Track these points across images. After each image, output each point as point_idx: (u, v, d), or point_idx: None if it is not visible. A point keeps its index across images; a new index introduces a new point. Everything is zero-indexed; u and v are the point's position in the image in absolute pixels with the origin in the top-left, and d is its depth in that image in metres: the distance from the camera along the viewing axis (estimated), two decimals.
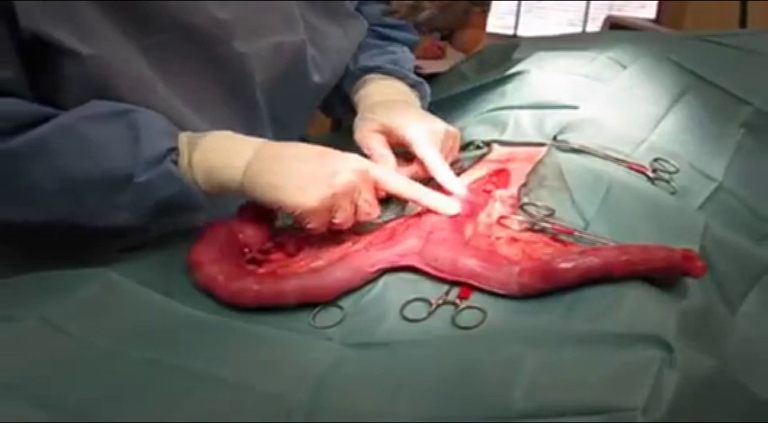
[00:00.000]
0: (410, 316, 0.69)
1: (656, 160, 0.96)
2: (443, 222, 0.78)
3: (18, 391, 0.61)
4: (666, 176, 0.94)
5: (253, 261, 0.78)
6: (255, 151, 0.78)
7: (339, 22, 1.01)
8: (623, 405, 0.57)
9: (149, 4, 0.80)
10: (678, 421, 0.58)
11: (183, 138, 0.80)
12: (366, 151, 0.90)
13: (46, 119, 0.78)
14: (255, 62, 0.91)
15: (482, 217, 0.81)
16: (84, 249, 0.87)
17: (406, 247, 0.75)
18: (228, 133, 0.82)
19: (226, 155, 0.79)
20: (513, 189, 0.86)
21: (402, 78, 1.04)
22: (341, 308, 0.71)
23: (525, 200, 0.83)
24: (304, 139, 1.10)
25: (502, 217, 0.81)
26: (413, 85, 1.06)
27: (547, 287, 0.69)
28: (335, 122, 2.30)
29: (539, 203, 0.83)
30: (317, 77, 0.99)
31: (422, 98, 1.06)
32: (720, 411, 0.66)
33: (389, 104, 0.97)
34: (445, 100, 1.23)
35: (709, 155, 1.04)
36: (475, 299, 0.70)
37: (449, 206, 0.81)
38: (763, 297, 0.86)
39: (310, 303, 0.71)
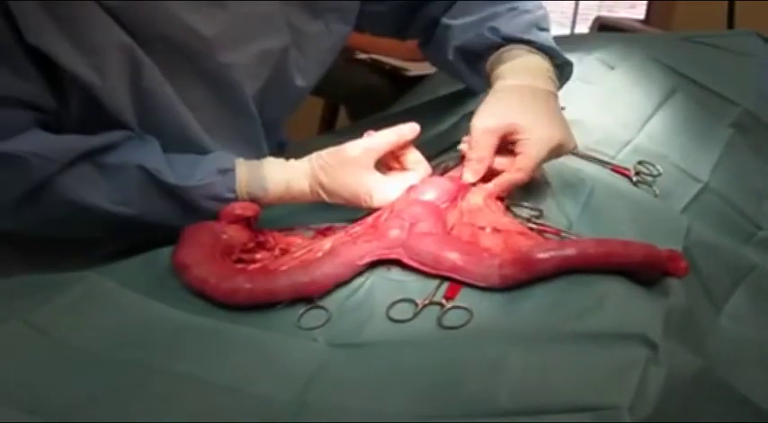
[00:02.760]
0: (396, 317, 0.69)
1: (640, 163, 0.96)
2: (423, 212, 0.78)
3: (1, 395, 0.61)
4: (649, 180, 0.94)
5: (239, 261, 0.78)
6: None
7: (321, 17, 0.98)
8: (609, 403, 0.57)
9: (136, 15, 0.80)
10: (664, 420, 0.58)
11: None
12: (470, 145, 0.85)
13: (91, 153, 0.81)
14: (242, 71, 0.90)
15: (463, 204, 0.81)
16: (69, 254, 0.87)
17: (391, 238, 0.76)
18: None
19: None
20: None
21: (549, 56, 0.94)
22: (326, 310, 0.71)
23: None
24: (282, 142, 1.10)
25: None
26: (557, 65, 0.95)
27: (527, 278, 0.70)
28: (324, 125, 2.31)
29: (525, 204, 0.83)
30: (299, 81, 0.99)
31: (561, 78, 0.95)
32: (706, 410, 0.66)
33: (522, 95, 0.87)
34: (433, 101, 1.23)
35: (696, 156, 1.04)
36: (461, 299, 0.70)
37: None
38: (749, 296, 0.86)
39: (302, 299, 0.72)
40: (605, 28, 2.12)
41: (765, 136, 1.18)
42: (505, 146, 0.84)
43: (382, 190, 0.83)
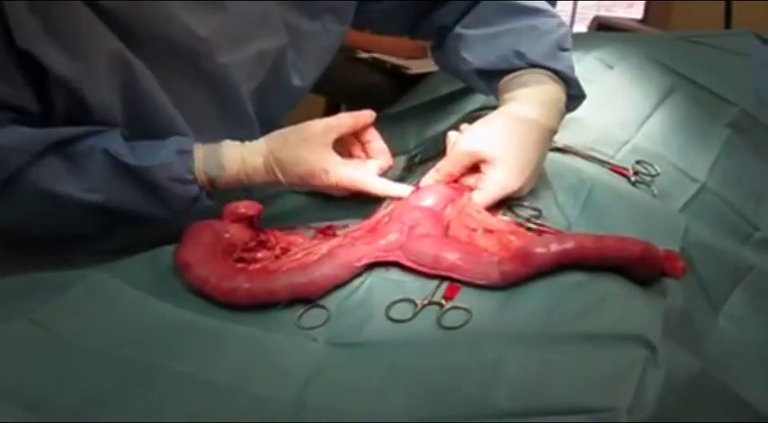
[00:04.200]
0: (395, 317, 0.69)
1: (638, 162, 0.97)
2: (423, 216, 0.78)
3: (5, 393, 0.61)
4: (648, 179, 0.94)
5: (240, 260, 0.78)
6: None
7: (318, 17, 0.99)
8: (608, 405, 0.57)
9: (133, 16, 0.80)
10: (663, 422, 0.58)
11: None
12: (448, 157, 0.85)
13: (60, 143, 0.81)
14: (240, 72, 0.90)
15: (459, 204, 0.81)
16: (72, 250, 0.87)
17: (389, 241, 0.76)
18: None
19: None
20: None
21: (567, 83, 0.93)
22: (326, 309, 0.71)
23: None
24: None
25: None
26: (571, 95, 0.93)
27: (528, 272, 0.70)
28: None
29: (525, 203, 0.83)
30: (297, 81, 0.99)
31: (570, 106, 0.94)
32: (705, 412, 0.66)
33: (518, 131, 0.85)
34: (433, 101, 1.23)
35: (694, 155, 1.05)
36: (460, 299, 0.70)
37: (401, 190, 0.84)
38: (747, 297, 0.86)
39: (301, 300, 0.72)
40: (603, 27, 2.13)
41: (763, 136, 1.18)
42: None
43: (339, 170, 0.84)
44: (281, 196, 0.92)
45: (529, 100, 0.89)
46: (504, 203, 0.83)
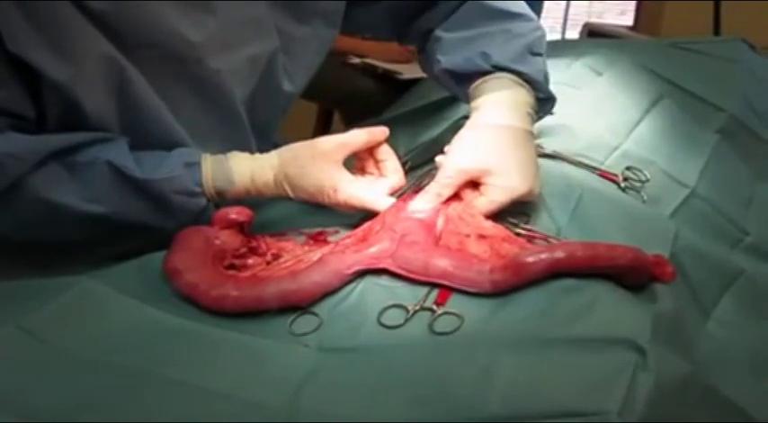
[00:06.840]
0: (387, 322, 0.69)
1: (628, 168, 0.97)
2: (415, 225, 0.79)
3: None
4: (637, 185, 0.95)
5: (231, 267, 0.78)
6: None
7: (308, 21, 0.98)
8: (599, 408, 0.58)
9: (124, 21, 0.80)
10: None
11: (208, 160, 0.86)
12: (438, 177, 0.83)
13: (61, 152, 0.81)
14: (232, 77, 0.90)
15: (449, 211, 0.81)
16: (61, 258, 0.87)
17: (380, 249, 0.76)
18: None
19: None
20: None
21: (533, 86, 0.91)
22: (317, 315, 0.71)
23: None
24: (278, 145, 1.10)
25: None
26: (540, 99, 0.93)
27: (518, 282, 0.70)
28: (318, 130, 2.31)
29: (515, 209, 0.84)
30: (287, 85, 0.99)
31: (542, 110, 0.94)
32: (694, 415, 0.67)
33: (500, 138, 0.84)
34: (424, 107, 1.24)
35: (683, 161, 1.05)
36: (451, 304, 0.70)
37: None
38: (736, 301, 0.87)
39: (291, 307, 0.72)
40: (594, 34, 2.14)
41: (751, 141, 1.19)
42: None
43: (348, 188, 0.83)
44: (272, 202, 0.92)
45: (495, 106, 0.88)
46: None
